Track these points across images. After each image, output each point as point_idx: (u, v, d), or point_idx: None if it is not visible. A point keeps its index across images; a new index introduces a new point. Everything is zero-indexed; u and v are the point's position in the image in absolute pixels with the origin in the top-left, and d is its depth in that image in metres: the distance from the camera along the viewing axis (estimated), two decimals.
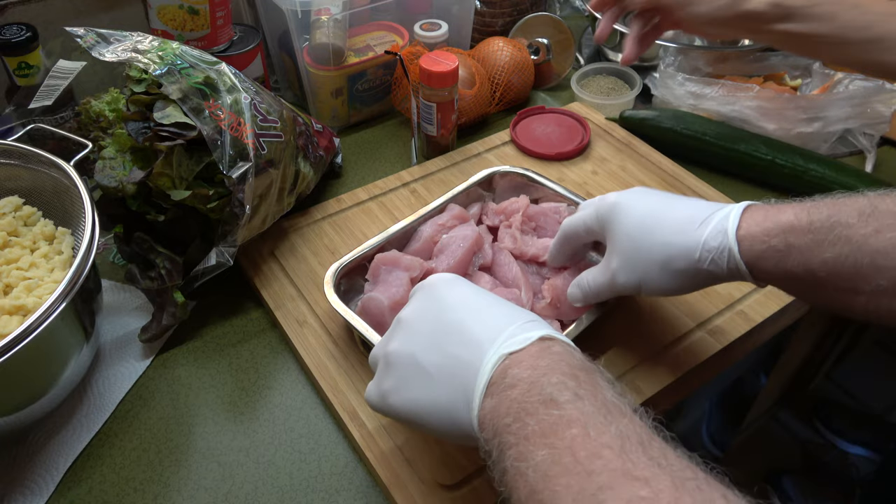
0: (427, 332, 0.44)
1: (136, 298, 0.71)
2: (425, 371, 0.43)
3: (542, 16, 1.01)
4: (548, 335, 0.41)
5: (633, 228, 0.53)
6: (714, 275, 0.50)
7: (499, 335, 0.41)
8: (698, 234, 0.50)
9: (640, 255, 0.52)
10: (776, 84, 0.94)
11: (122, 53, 0.64)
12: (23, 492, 0.55)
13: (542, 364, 0.39)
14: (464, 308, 0.44)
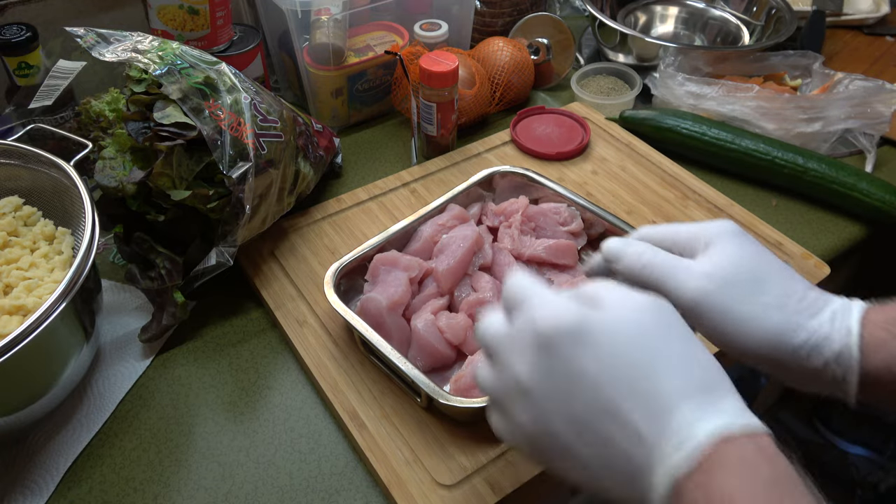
0: (566, 414, 0.34)
1: (136, 298, 0.71)
2: (576, 458, 0.35)
3: (542, 16, 1.01)
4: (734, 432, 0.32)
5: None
6: (803, 368, 0.41)
7: (666, 426, 0.32)
8: (800, 315, 0.41)
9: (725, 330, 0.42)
10: (776, 84, 0.94)
11: (122, 53, 0.64)
12: (23, 492, 0.55)
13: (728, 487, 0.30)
14: (610, 380, 0.34)
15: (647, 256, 0.44)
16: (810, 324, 0.41)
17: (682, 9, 1.18)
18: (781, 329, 0.40)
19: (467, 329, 0.62)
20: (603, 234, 0.72)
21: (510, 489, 0.53)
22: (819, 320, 0.41)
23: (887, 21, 1.19)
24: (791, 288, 0.42)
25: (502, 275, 0.68)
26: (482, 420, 0.57)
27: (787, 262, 0.71)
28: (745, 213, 0.77)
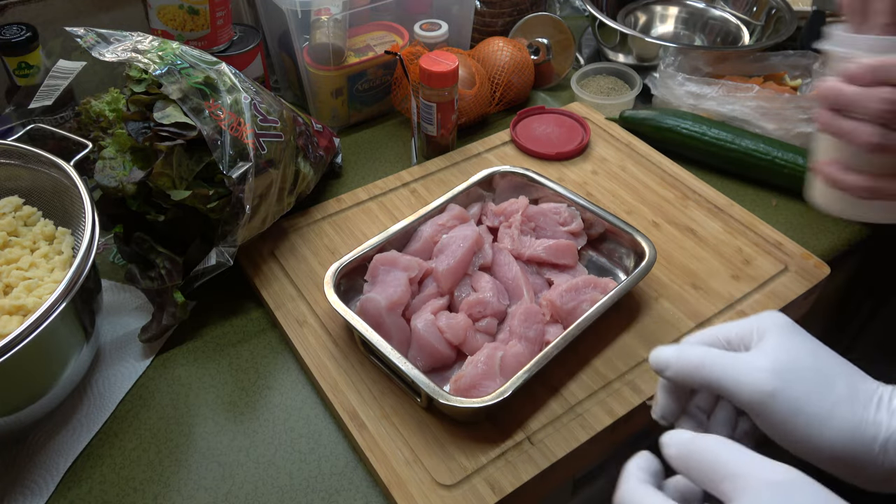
0: None
1: (136, 298, 0.71)
2: None
3: (542, 16, 1.01)
4: None
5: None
6: (880, 466, 0.38)
7: None
8: (871, 410, 0.38)
9: None
10: (776, 84, 0.94)
11: (122, 53, 0.64)
12: (23, 492, 0.55)
13: None
14: None
15: (699, 354, 0.40)
16: (882, 418, 0.38)
17: (682, 9, 1.18)
18: (854, 426, 0.37)
19: (467, 329, 0.62)
20: (603, 234, 0.72)
21: (510, 489, 0.53)
22: (891, 412, 0.38)
23: None
24: (855, 381, 0.39)
25: (502, 275, 0.68)
26: (482, 420, 0.57)
27: (787, 262, 0.72)
28: (744, 213, 0.77)
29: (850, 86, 0.44)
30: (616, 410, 0.59)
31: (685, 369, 0.40)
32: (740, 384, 0.38)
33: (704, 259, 0.72)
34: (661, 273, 0.71)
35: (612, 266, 0.72)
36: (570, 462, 0.57)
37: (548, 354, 0.57)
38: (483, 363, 0.58)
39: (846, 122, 0.45)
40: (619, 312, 0.67)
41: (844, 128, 0.45)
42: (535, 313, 0.63)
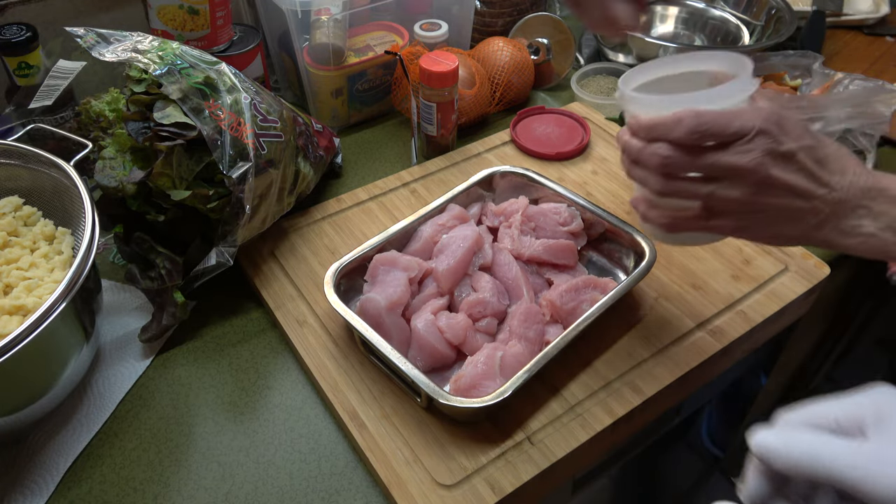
0: None
1: (136, 298, 0.71)
2: None
3: (542, 16, 1.01)
4: None
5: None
6: None
7: None
8: None
9: None
10: (776, 84, 0.94)
11: (122, 53, 0.64)
12: (23, 492, 0.55)
13: None
14: None
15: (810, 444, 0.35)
16: None
17: (682, 9, 1.18)
18: None
19: (467, 329, 0.62)
20: (603, 234, 0.72)
21: (510, 489, 0.53)
22: None
23: (887, 21, 1.19)
24: None
25: (502, 275, 0.68)
26: (482, 420, 0.57)
27: (787, 262, 0.72)
28: None
29: (634, 139, 0.49)
30: (616, 410, 0.59)
31: (797, 462, 0.35)
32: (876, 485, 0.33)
33: (704, 259, 0.72)
34: (661, 273, 0.71)
35: (612, 266, 0.72)
36: (570, 462, 0.57)
37: (548, 354, 0.57)
38: (483, 363, 0.58)
39: (638, 170, 0.50)
40: (619, 312, 0.67)
41: (637, 176, 0.50)
42: (535, 313, 0.63)
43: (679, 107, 0.46)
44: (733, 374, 1.09)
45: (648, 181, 0.49)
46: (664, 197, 0.50)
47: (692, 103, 0.46)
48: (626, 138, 0.50)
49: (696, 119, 0.45)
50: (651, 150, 0.47)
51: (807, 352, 1.34)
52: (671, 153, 0.46)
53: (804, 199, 0.46)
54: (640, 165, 0.49)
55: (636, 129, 0.49)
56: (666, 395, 0.62)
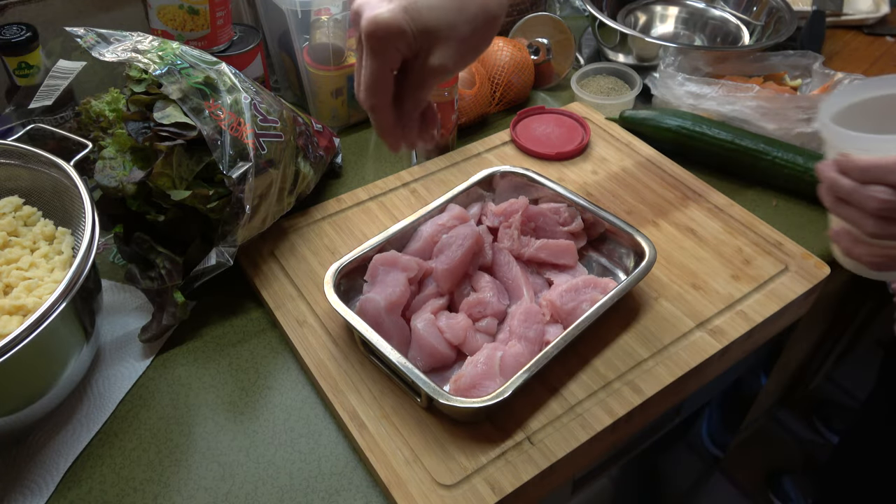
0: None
1: (136, 298, 0.71)
2: None
3: (542, 16, 1.01)
4: None
5: None
6: None
7: None
8: None
9: None
10: (776, 84, 0.94)
11: (122, 53, 0.64)
12: (23, 492, 0.55)
13: None
14: None
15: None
16: None
17: (682, 9, 1.18)
18: None
19: (467, 329, 0.62)
20: (603, 234, 0.72)
21: (510, 489, 0.53)
22: None
23: (887, 21, 1.19)
24: None
25: (502, 275, 0.68)
26: (482, 420, 0.57)
27: (787, 262, 0.72)
28: (744, 213, 0.77)
29: (845, 178, 0.47)
30: (616, 410, 0.59)
31: None
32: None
33: (704, 259, 0.72)
34: (661, 273, 0.71)
35: (612, 266, 0.72)
36: (570, 462, 0.57)
37: (548, 354, 0.57)
38: (483, 363, 0.58)
39: (847, 209, 0.48)
40: (619, 312, 0.67)
41: (846, 216, 0.48)
42: (535, 313, 0.63)
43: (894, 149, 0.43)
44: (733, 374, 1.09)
45: (859, 222, 0.47)
46: (878, 238, 0.47)
47: None
48: (834, 175, 0.47)
49: None
50: (868, 192, 0.45)
51: (807, 352, 1.34)
52: (892, 197, 0.44)
53: None
54: (851, 205, 0.47)
55: (848, 169, 0.46)
56: (666, 395, 0.62)
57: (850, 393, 1.70)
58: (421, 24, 0.47)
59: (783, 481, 1.50)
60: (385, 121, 0.51)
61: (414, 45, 0.48)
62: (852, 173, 0.46)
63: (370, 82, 0.48)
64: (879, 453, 0.96)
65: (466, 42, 0.49)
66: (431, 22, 0.47)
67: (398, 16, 0.46)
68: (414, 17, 0.46)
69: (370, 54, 0.47)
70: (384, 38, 0.46)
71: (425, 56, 0.49)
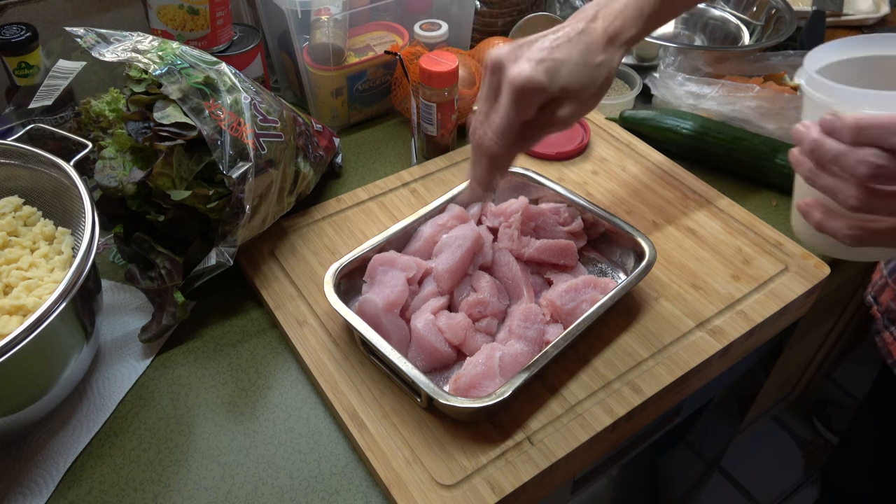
0: None
1: (136, 298, 0.71)
2: None
3: (542, 16, 1.01)
4: None
5: None
6: None
7: None
8: None
9: None
10: (776, 84, 0.94)
11: (122, 53, 0.64)
12: (23, 492, 0.55)
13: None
14: None
15: None
16: None
17: None
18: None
19: (467, 329, 0.62)
20: (603, 234, 0.72)
21: (510, 489, 0.53)
22: None
23: (887, 21, 1.19)
24: None
25: (502, 275, 0.68)
26: (482, 420, 0.57)
27: (787, 262, 0.72)
28: (745, 214, 0.77)
29: (831, 140, 0.41)
30: (616, 410, 0.59)
31: None
32: None
33: (704, 259, 0.72)
34: (661, 273, 0.71)
35: (612, 266, 0.72)
36: (570, 462, 0.57)
37: (547, 354, 0.57)
38: (483, 363, 0.58)
39: (828, 178, 0.42)
40: (619, 312, 0.67)
41: (826, 185, 0.42)
42: (534, 313, 0.63)
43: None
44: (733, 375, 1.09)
45: (842, 191, 0.41)
46: (859, 212, 0.41)
47: None
48: (817, 136, 0.41)
49: None
50: (859, 156, 0.39)
51: (807, 352, 1.34)
52: (887, 163, 0.38)
53: None
54: (834, 172, 0.41)
55: (836, 128, 0.40)
56: (666, 395, 0.62)
57: (850, 393, 1.70)
58: (559, 84, 0.54)
59: None
60: (502, 163, 0.58)
61: (547, 100, 0.55)
62: (842, 134, 0.40)
63: (504, 129, 0.55)
64: (877, 452, 0.96)
65: (589, 100, 0.57)
66: (568, 83, 0.54)
67: (541, 76, 0.53)
68: (553, 78, 0.54)
69: (512, 105, 0.54)
70: (529, 93, 0.54)
71: (554, 109, 0.56)
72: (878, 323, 0.78)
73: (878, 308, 0.79)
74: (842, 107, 0.41)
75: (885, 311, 0.77)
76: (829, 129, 0.40)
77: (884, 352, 0.77)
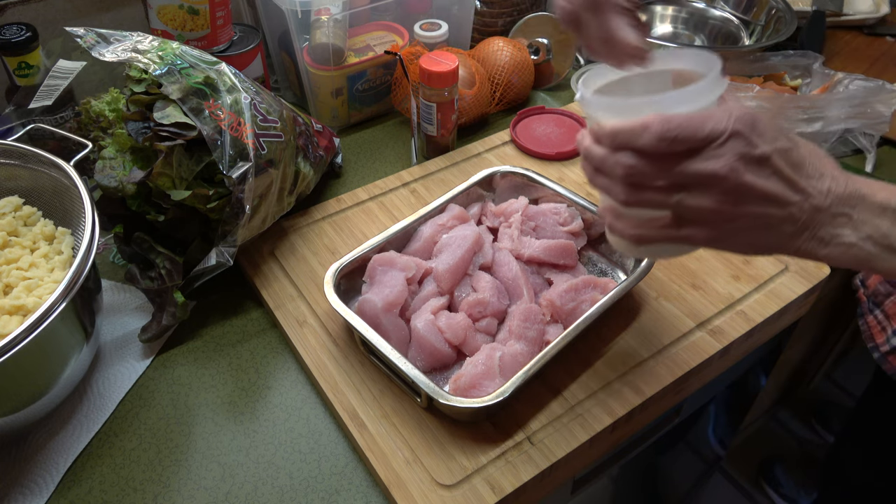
0: None
1: (136, 298, 0.71)
2: None
3: (542, 16, 1.01)
4: None
5: None
6: None
7: None
8: None
9: None
10: (776, 84, 0.94)
11: (122, 53, 0.64)
12: (23, 492, 0.55)
13: None
14: None
15: None
16: None
17: (682, 9, 1.18)
18: None
19: (467, 329, 0.62)
20: (603, 234, 0.72)
21: (510, 489, 0.53)
22: None
23: (887, 21, 1.19)
24: None
25: (502, 275, 0.68)
26: (482, 420, 0.57)
27: (787, 261, 0.72)
28: None
29: (597, 146, 0.45)
30: (616, 410, 0.59)
31: None
32: None
33: (704, 259, 0.72)
34: (661, 273, 0.71)
35: (612, 266, 0.72)
36: (570, 462, 0.57)
37: (548, 354, 0.57)
38: (482, 363, 0.58)
39: (601, 179, 0.46)
40: (619, 312, 0.67)
41: (601, 185, 0.47)
42: (534, 313, 0.63)
43: (645, 111, 0.43)
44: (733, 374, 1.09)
45: (612, 191, 0.46)
46: (630, 207, 0.46)
47: (659, 107, 0.43)
48: (587, 144, 0.46)
49: (665, 125, 0.41)
50: (615, 158, 0.44)
51: (807, 352, 1.34)
52: (637, 162, 0.43)
53: (779, 207, 0.43)
54: (604, 174, 0.46)
55: (599, 136, 0.45)
56: (666, 395, 0.62)
57: (850, 393, 1.69)
58: None
59: (775, 470, 1.51)
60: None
61: None
62: (602, 140, 0.45)
63: None
64: (874, 451, 0.96)
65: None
66: None
67: None
68: None
69: None
70: None
71: None
72: (863, 306, 0.78)
73: (865, 291, 0.79)
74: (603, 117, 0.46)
75: (872, 294, 0.76)
76: (595, 137, 0.46)
77: (866, 336, 0.76)
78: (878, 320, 0.75)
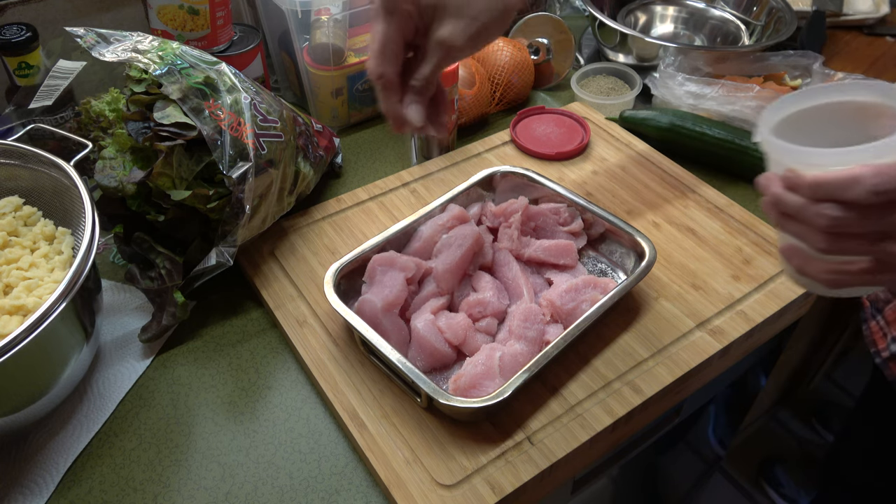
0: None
1: (136, 298, 0.71)
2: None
3: (542, 16, 1.01)
4: None
5: None
6: None
7: None
8: None
9: None
10: (776, 84, 0.94)
11: (122, 53, 0.64)
12: (23, 492, 0.55)
13: None
14: None
15: None
16: None
17: (682, 9, 1.18)
18: None
19: (467, 329, 0.62)
20: (603, 234, 0.72)
21: (510, 489, 0.53)
22: None
23: (887, 21, 1.19)
24: None
25: (502, 275, 0.68)
26: (482, 420, 0.57)
27: None
28: (744, 213, 0.77)
29: (791, 195, 0.44)
30: (616, 410, 0.59)
31: None
32: None
33: (704, 259, 0.72)
34: (661, 273, 0.71)
35: (612, 266, 0.72)
36: (570, 462, 0.57)
37: (547, 354, 0.57)
38: (482, 363, 0.58)
39: (795, 226, 0.45)
40: (619, 312, 0.67)
41: (795, 231, 0.46)
42: (534, 313, 0.63)
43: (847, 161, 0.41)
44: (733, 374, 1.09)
45: (809, 238, 0.44)
46: (830, 254, 0.45)
47: (863, 156, 0.41)
48: (780, 192, 0.45)
49: (878, 178, 0.39)
50: (817, 210, 0.42)
51: (807, 352, 1.34)
52: (843, 214, 0.41)
53: None
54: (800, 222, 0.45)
55: (796, 185, 0.43)
56: (666, 395, 0.62)
57: (850, 393, 1.69)
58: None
59: (775, 470, 1.51)
60: (390, 93, 0.52)
61: (425, 15, 0.50)
62: (801, 190, 0.44)
63: (380, 47, 0.50)
64: (874, 451, 0.96)
65: (477, 20, 0.50)
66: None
67: None
68: None
69: (382, 16, 0.49)
70: None
71: (434, 29, 0.50)
72: (865, 311, 0.78)
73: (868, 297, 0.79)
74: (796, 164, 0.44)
75: (874, 300, 0.76)
76: (790, 185, 0.44)
77: (868, 341, 0.76)
78: (880, 326, 0.76)
